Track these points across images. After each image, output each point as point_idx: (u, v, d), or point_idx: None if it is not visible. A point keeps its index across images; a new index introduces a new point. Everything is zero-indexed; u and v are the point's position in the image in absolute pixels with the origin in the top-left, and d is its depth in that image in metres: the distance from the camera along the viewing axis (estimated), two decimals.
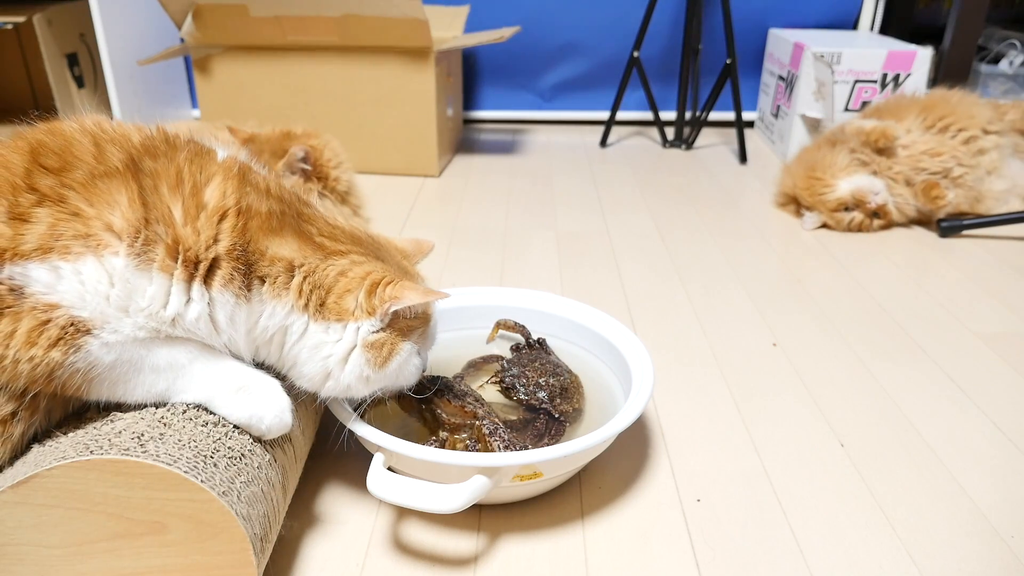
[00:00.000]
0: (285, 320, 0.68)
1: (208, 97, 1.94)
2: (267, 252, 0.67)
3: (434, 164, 1.95)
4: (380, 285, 0.70)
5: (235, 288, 0.65)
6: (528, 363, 0.92)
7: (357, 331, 0.69)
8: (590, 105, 2.46)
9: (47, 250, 0.59)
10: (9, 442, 0.64)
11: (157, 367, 0.65)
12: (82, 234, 0.60)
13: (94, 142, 0.64)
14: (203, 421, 0.66)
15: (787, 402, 1.00)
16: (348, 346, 0.70)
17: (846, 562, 0.74)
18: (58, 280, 0.60)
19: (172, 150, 0.67)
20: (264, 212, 0.68)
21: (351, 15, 1.74)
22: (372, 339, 0.70)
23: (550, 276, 1.37)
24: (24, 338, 0.59)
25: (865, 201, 1.57)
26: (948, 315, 1.24)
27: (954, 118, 1.62)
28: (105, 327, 0.61)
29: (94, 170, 0.62)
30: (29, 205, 0.60)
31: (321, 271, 0.69)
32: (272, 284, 0.67)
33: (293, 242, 0.69)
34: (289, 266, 0.68)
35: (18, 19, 1.97)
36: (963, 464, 0.88)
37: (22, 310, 0.59)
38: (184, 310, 0.64)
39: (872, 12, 2.32)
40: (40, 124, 0.67)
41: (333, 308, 0.69)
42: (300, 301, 0.68)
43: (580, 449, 0.74)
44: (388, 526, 0.78)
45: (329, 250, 0.70)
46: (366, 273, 0.70)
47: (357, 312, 0.69)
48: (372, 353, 0.70)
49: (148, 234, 0.62)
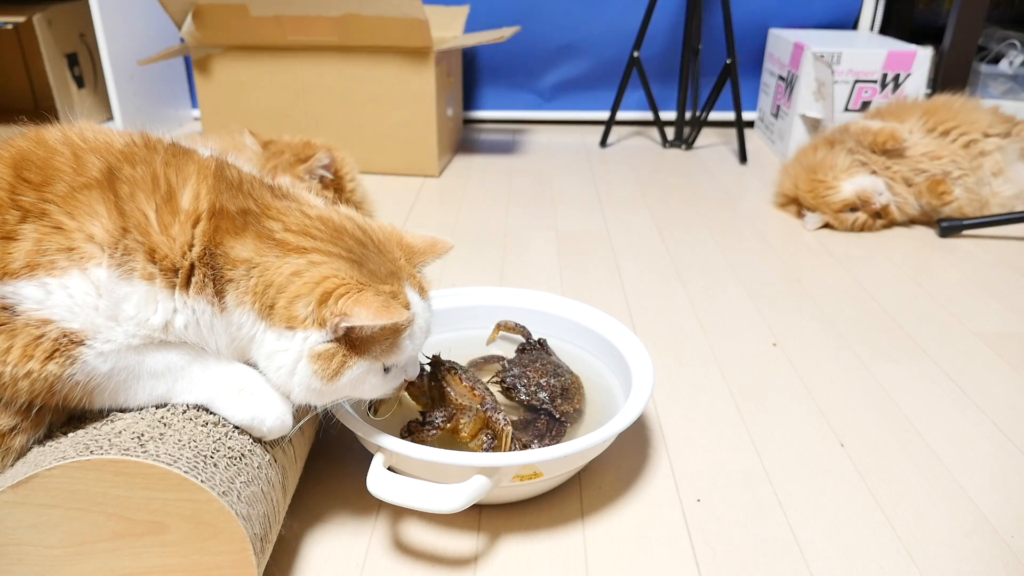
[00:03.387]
0: (251, 330, 0.65)
1: (208, 97, 1.94)
2: (230, 254, 0.63)
3: (434, 164, 1.95)
4: (333, 296, 0.63)
5: (208, 296, 0.63)
6: (529, 363, 0.92)
7: (305, 340, 0.64)
8: (590, 105, 2.46)
9: (34, 267, 0.59)
10: (10, 453, 0.64)
11: (155, 372, 0.65)
12: (65, 247, 0.60)
13: (73, 153, 0.64)
14: (203, 421, 0.66)
15: (787, 402, 1.00)
16: (295, 356, 0.64)
17: (846, 562, 0.74)
18: (47, 296, 0.60)
19: (150, 154, 0.66)
20: (233, 211, 0.64)
21: (351, 15, 1.74)
22: (319, 350, 0.64)
23: (550, 276, 1.37)
24: (20, 353, 0.59)
25: (870, 201, 1.57)
26: (948, 315, 1.24)
27: (955, 122, 1.62)
28: (97, 337, 0.61)
29: (73, 182, 0.62)
30: (15, 222, 0.60)
31: (274, 269, 0.63)
32: (235, 289, 0.63)
33: (251, 242, 0.64)
34: (248, 267, 0.63)
35: (18, 19, 1.97)
36: (963, 464, 0.88)
37: (16, 327, 0.59)
38: (172, 318, 0.63)
39: (872, 12, 2.32)
40: (27, 133, 0.66)
41: (283, 314, 0.63)
42: (256, 304, 0.63)
43: (580, 449, 0.74)
44: (388, 526, 0.78)
45: (290, 246, 0.65)
46: (322, 278, 0.63)
47: (308, 321, 0.63)
48: (319, 364, 0.64)
49: (127, 243, 0.61)
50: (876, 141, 1.59)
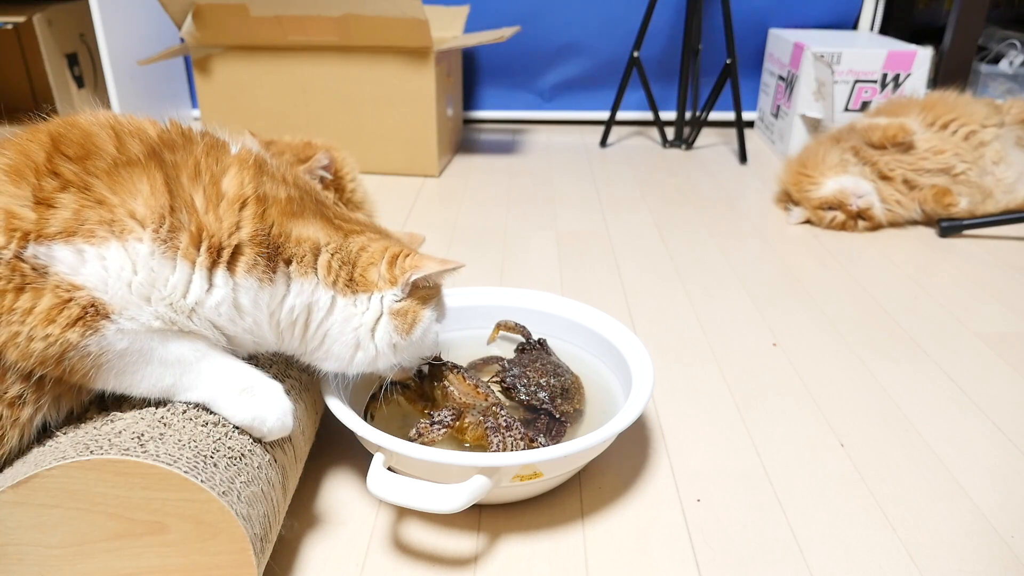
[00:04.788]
0: (311, 297, 0.71)
1: (208, 97, 1.94)
2: (292, 234, 0.69)
3: (434, 164, 1.95)
4: (399, 257, 0.74)
5: (259, 272, 0.67)
6: (529, 363, 0.92)
7: (382, 300, 0.73)
8: (590, 105, 2.46)
9: (71, 233, 0.60)
10: (17, 425, 0.64)
11: (166, 360, 0.65)
12: (107, 220, 0.61)
13: (114, 133, 0.66)
14: (203, 421, 0.66)
15: (787, 402, 1.00)
16: (375, 315, 0.73)
17: (846, 562, 0.74)
18: (82, 263, 0.60)
19: (189, 143, 0.69)
20: (284, 198, 0.70)
21: (351, 15, 1.74)
22: (397, 307, 0.74)
23: (550, 276, 1.37)
24: (43, 315, 0.60)
25: (846, 203, 1.57)
26: (948, 315, 1.24)
27: (954, 115, 1.62)
28: (124, 313, 0.62)
29: (116, 159, 0.64)
30: (52, 190, 0.61)
31: (345, 248, 0.73)
32: (299, 264, 0.70)
33: (317, 223, 0.72)
34: (315, 246, 0.71)
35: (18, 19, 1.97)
36: (963, 464, 0.88)
37: (44, 287, 0.60)
38: (205, 297, 0.65)
39: (872, 12, 2.32)
40: (56, 118, 0.67)
41: (360, 281, 0.73)
42: (329, 278, 0.71)
43: (580, 449, 0.74)
44: (388, 526, 0.78)
45: (347, 230, 0.74)
46: (384, 247, 0.75)
47: (380, 283, 0.73)
48: (398, 320, 0.74)
49: (173, 221, 0.63)
50: (886, 135, 1.58)
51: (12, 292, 0.59)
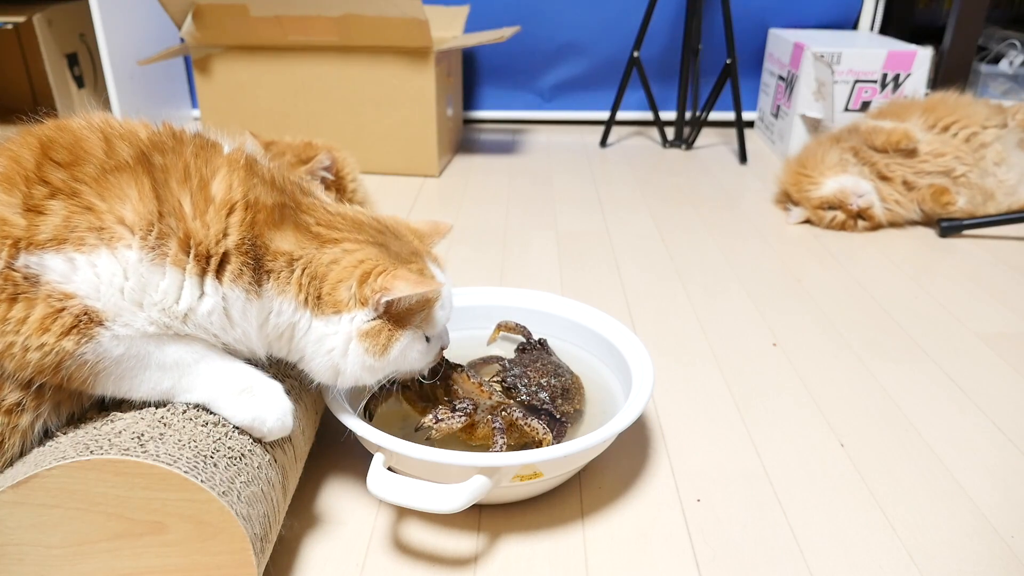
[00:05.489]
0: (292, 317, 0.68)
1: (208, 97, 1.94)
2: (270, 246, 0.67)
3: (434, 164, 1.95)
4: (371, 275, 0.69)
5: (245, 283, 0.65)
6: (529, 364, 0.92)
7: (352, 321, 0.69)
8: (590, 105, 2.46)
9: (62, 241, 0.60)
10: (17, 432, 0.64)
11: (164, 364, 0.65)
12: (95, 227, 0.61)
13: (104, 137, 0.65)
14: (203, 421, 0.66)
15: (787, 402, 1.00)
16: (346, 338, 0.69)
17: (846, 562, 0.74)
18: (73, 271, 0.60)
19: (179, 144, 0.67)
20: (270, 205, 0.67)
21: (351, 15, 1.74)
22: (367, 328, 0.69)
23: (550, 276, 1.37)
24: (37, 325, 0.59)
25: (846, 203, 1.57)
26: (948, 315, 1.24)
27: (955, 117, 1.62)
28: (118, 319, 0.62)
29: (104, 164, 0.63)
30: (42, 197, 0.61)
31: (316, 261, 0.68)
32: (276, 280, 0.67)
33: (291, 234, 0.68)
34: (290, 260, 0.67)
35: (18, 19, 1.97)
36: (963, 464, 0.88)
37: (36, 297, 0.60)
38: (196, 305, 0.64)
39: (872, 12, 2.32)
40: (47, 121, 0.67)
41: (328, 300, 0.68)
42: (301, 296, 0.68)
43: (580, 449, 0.74)
44: (388, 526, 0.78)
45: (324, 239, 0.69)
46: (358, 262, 0.69)
47: (351, 303, 0.68)
48: (368, 342, 0.69)
49: (161, 227, 0.62)
50: (890, 140, 1.58)
51: (5, 302, 0.59)
